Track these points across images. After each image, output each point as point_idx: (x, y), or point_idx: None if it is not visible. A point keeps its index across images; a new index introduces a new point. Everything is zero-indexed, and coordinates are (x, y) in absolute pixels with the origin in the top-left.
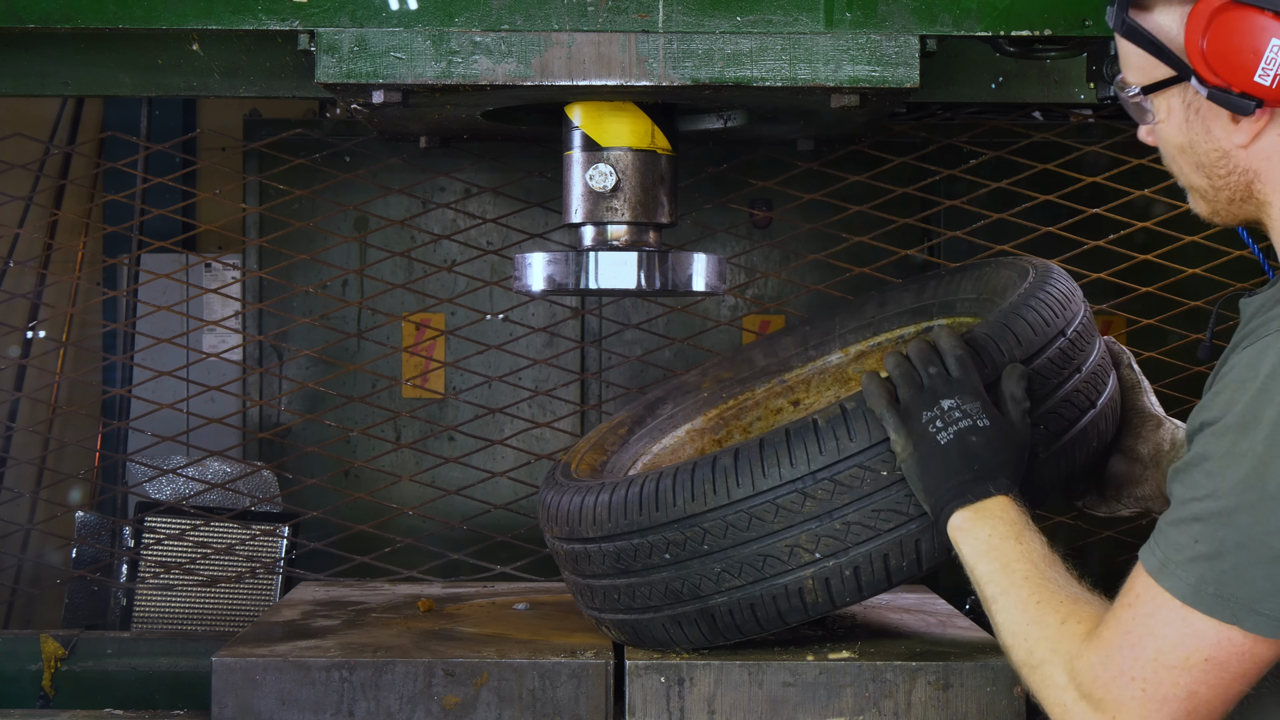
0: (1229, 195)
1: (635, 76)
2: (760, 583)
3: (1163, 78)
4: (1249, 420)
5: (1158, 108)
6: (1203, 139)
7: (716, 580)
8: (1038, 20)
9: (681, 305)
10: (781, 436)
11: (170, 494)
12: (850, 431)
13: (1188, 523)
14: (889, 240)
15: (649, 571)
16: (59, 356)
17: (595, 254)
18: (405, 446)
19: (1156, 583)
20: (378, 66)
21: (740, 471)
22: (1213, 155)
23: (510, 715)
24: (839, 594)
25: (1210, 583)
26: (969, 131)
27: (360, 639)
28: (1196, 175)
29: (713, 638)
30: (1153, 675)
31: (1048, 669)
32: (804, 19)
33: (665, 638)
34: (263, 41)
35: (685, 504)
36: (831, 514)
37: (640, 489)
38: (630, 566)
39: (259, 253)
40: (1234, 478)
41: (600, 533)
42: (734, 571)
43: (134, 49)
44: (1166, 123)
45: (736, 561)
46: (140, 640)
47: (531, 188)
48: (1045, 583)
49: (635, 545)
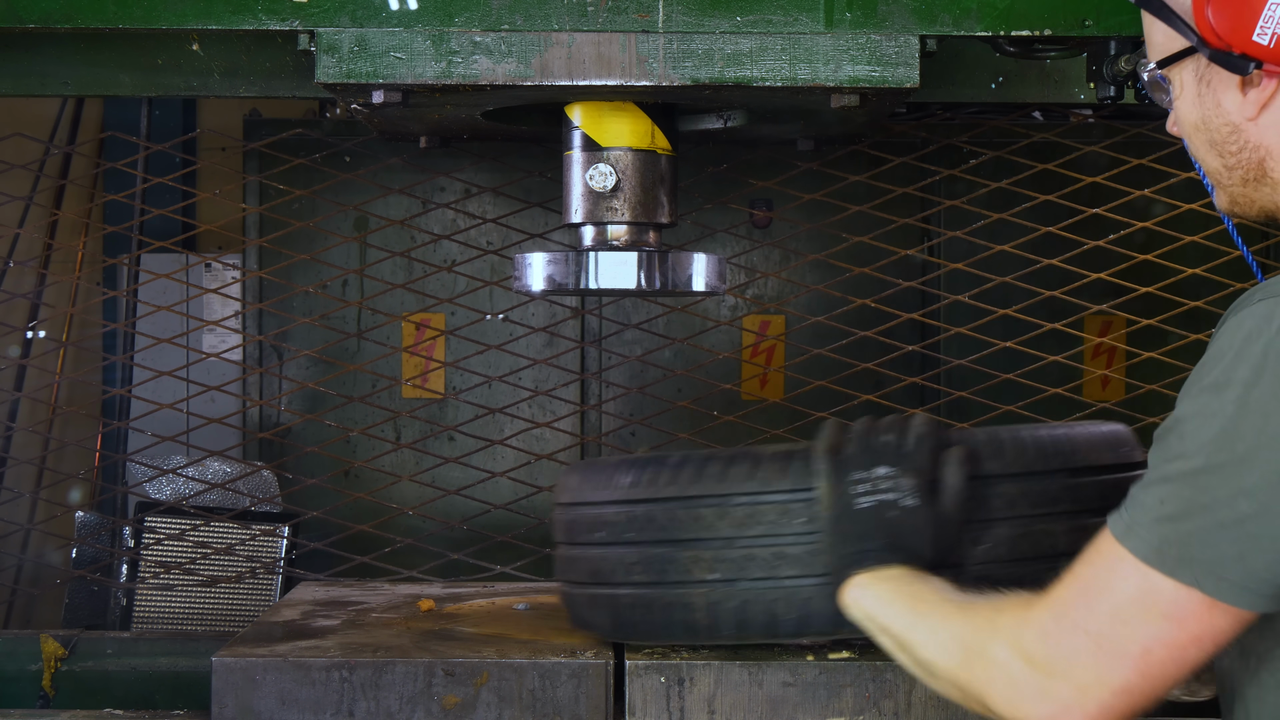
0: (1242, 175)
1: (635, 76)
2: (657, 586)
3: (1176, 50)
4: (1221, 381)
5: (1174, 83)
6: (1214, 113)
7: (627, 571)
8: (1038, 20)
9: (681, 305)
10: (728, 454)
11: (170, 494)
12: (788, 470)
13: (1157, 484)
14: (889, 240)
15: (587, 546)
16: (59, 356)
17: (595, 254)
18: (405, 446)
19: (1120, 544)
20: (378, 66)
21: (680, 471)
22: (1224, 130)
23: (510, 715)
24: (721, 624)
25: (1174, 544)
26: (969, 131)
27: (360, 639)
28: (1210, 155)
29: (615, 630)
30: (1108, 629)
31: (988, 651)
32: (804, 19)
33: (582, 617)
34: (263, 41)
35: (625, 489)
36: (737, 541)
37: (607, 467)
38: (574, 538)
39: (259, 253)
40: (1204, 438)
41: (564, 500)
42: (642, 567)
43: (134, 49)
44: (1181, 98)
45: (646, 558)
46: (140, 640)
47: (531, 188)
48: (964, 598)
49: (580, 517)
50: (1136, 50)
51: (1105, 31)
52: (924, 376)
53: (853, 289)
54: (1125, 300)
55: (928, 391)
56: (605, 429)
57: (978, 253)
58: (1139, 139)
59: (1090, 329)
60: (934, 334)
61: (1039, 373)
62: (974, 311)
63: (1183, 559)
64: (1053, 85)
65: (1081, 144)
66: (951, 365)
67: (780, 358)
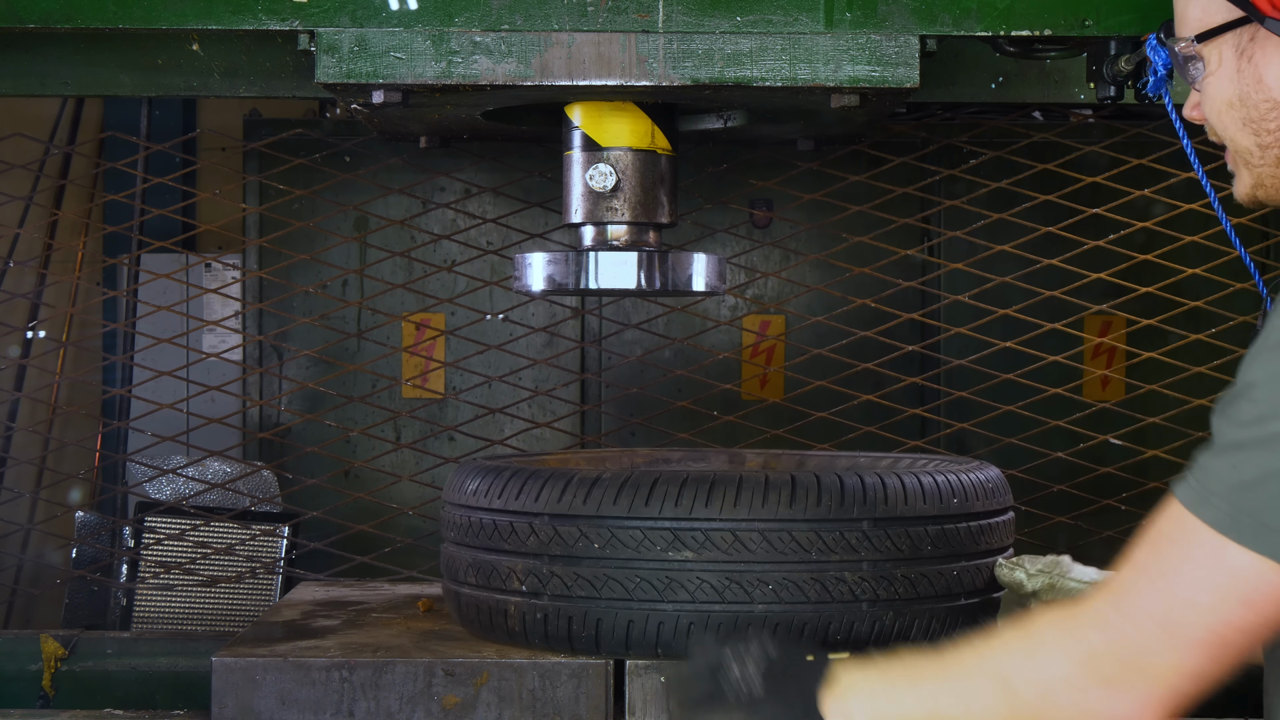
0: (1278, 154)
1: (635, 76)
2: (484, 590)
3: (1218, 23)
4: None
5: (1209, 59)
6: (1254, 89)
7: (465, 571)
8: (1038, 20)
9: (681, 305)
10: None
11: (170, 494)
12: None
13: (1230, 450)
14: (889, 240)
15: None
16: (59, 356)
17: (595, 254)
18: (405, 446)
19: (1191, 512)
20: (378, 66)
21: (520, 482)
22: (1263, 107)
23: (510, 715)
24: (530, 632)
25: (1248, 512)
26: (969, 131)
27: (360, 639)
28: (1243, 134)
29: (461, 620)
30: (1178, 613)
31: (1029, 671)
32: (804, 19)
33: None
34: (263, 41)
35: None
36: (544, 555)
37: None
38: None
39: (259, 253)
40: (1278, 401)
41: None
42: (474, 570)
43: (134, 49)
44: (1217, 74)
45: (475, 563)
46: (140, 640)
47: (531, 188)
48: (958, 651)
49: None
50: (1136, 50)
51: (1105, 31)
52: (924, 376)
53: (853, 289)
54: (1125, 300)
55: (927, 391)
56: (605, 429)
57: (978, 253)
58: (1139, 139)
59: (1090, 329)
60: (934, 334)
61: (1039, 373)
62: (974, 311)
63: (1260, 527)
64: (1053, 85)
65: (1081, 144)
66: (951, 365)
67: (780, 358)
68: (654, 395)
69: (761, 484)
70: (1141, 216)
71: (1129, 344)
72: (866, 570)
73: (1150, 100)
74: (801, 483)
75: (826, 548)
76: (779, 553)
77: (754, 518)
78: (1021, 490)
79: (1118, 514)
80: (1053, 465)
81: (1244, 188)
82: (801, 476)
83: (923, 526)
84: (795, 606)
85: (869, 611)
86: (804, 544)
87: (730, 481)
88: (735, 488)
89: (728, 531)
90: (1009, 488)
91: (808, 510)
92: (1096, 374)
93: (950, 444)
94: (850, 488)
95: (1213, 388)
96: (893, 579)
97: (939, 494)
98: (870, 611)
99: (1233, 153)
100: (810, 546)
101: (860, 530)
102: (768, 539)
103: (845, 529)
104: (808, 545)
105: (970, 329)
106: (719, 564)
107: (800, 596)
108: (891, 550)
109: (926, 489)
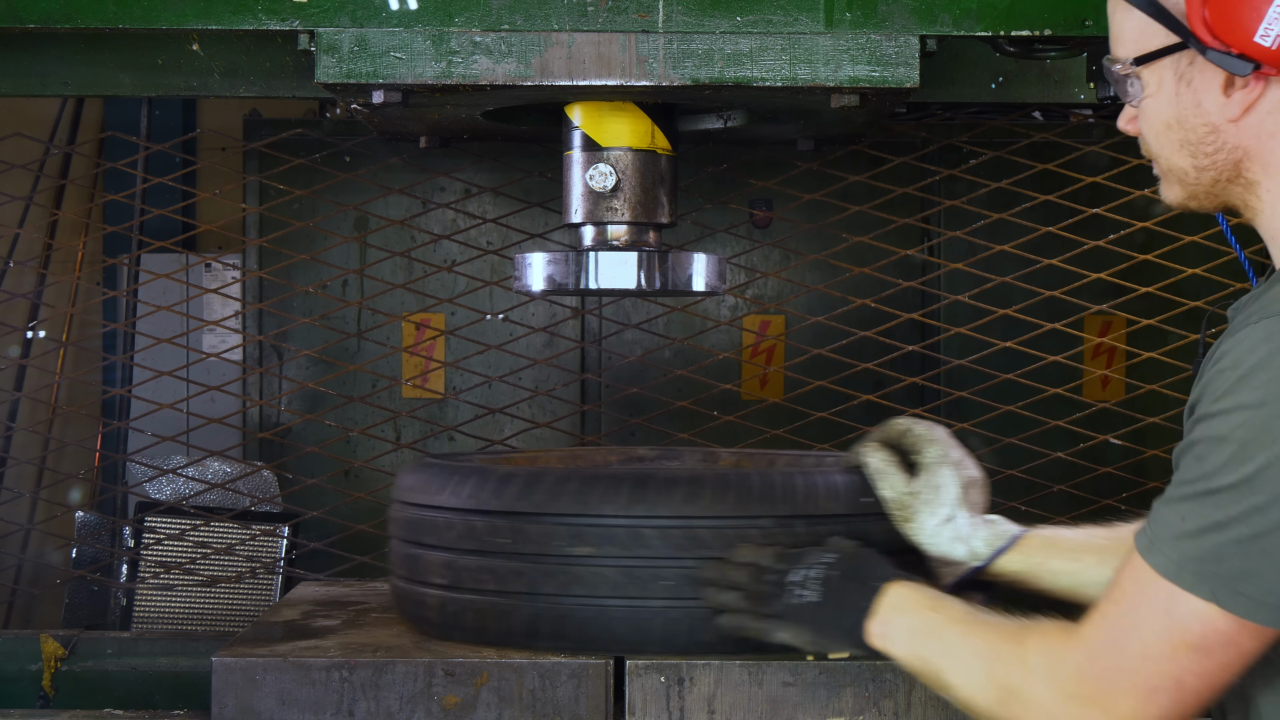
0: (1213, 176)
1: (635, 76)
2: (410, 583)
3: (1156, 48)
4: (1230, 407)
5: (1147, 81)
6: (1192, 113)
7: (398, 564)
8: (1038, 20)
9: (681, 305)
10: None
11: (170, 494)
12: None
13: (1176, 501)
14: (889, 240)
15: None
16: (59, 356)
17: (595, 254)
18: (405, 446)
19: (1144, 561)
20: (378, 66)
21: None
22: (1200, 131)
23: (510, 715)
24: (448, 625)
25: (1193, 559)
26: (969, 131)
27: (360, 639)
28: (1180, 155)
29: (400, 613)
30: (1139, 664)
31: (1024, 690)
32: (804, 19)
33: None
34: (263, 41)
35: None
36: (457, 549)
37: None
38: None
39: (259, 253)
40: (1218, 460)
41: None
42: (403, 563)
43: (134, 49)
44: (1156, 97)
45: (404, 557)
46: (140, 640)
47: (531, 188)
48: (983, 626)
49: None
50: None
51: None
52: (924, 376)
53: (853, 289)
54: (1125, 300)
55: (928, 391)
56: (605, 429)
57: (978, 253)
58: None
59: (1090, 329)
60: (934, 334)
61: (1039, 373)
62: (974, 311)
63: (1201, 574)
64: (1053, 85)
65: (1081, 144)
66: (951, 365)
67: (780, 358)
68: (654, 395)
69: (667, 482)
70: (1141, 216)
71: (1129, 344)
72: None
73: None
74: (704, 480)
75: (726, 545)
76: (677, 549)
77: (652, 514)
78: (1021, 490)
79: (1118, 514)
80: (1053, 465)
81: (1175, 198)
82: (708, 474)
83: (828, 525)
84: (692, 603)
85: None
86: (703, 541)
87: (634, 480)
88: (637, 486)
89: (626, 528)
90: None
91: (706, 508)
92: (1096, 374)
93: None
94: (753, 486)
95: None
96: None
97: (848, 492)
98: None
99: (1165, 170)
100: (710, 544)
101: (760, 528)
102: (665, 536)
103: (745, 526)
104: (707, 542)
105: (970, 329)
106: (618, 559)
107: (698, 593)
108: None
109: (836, 487)
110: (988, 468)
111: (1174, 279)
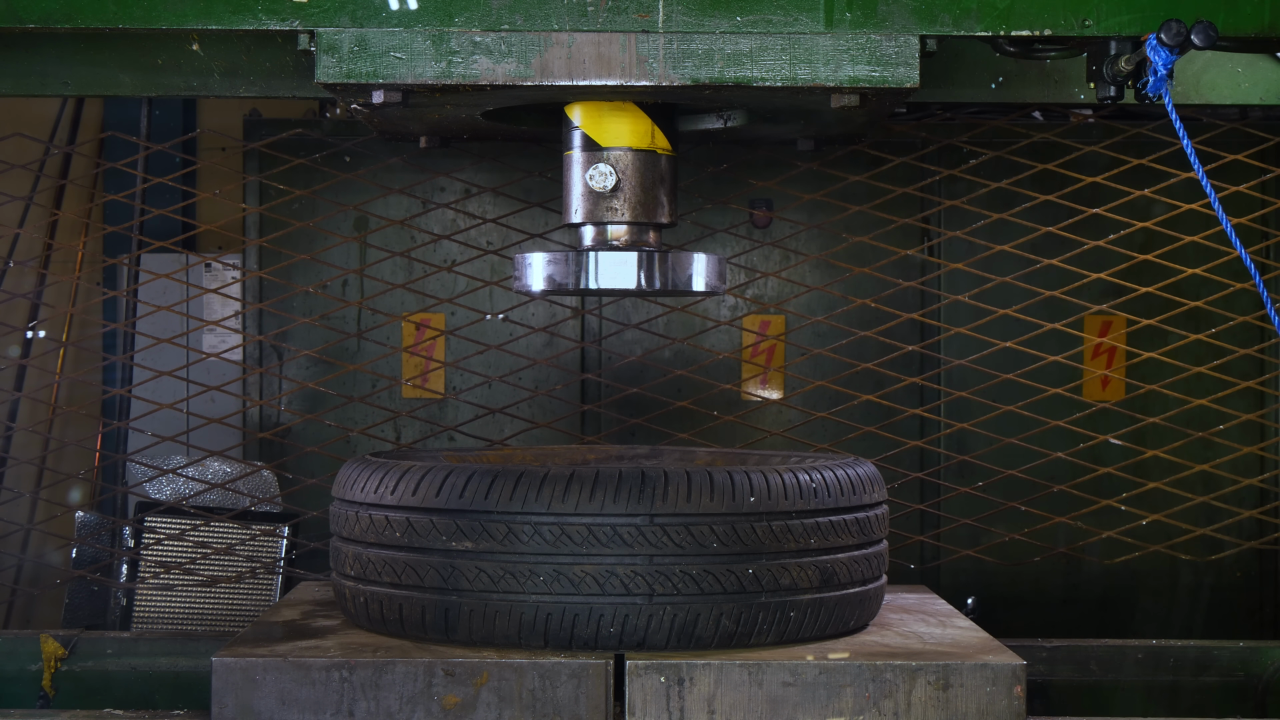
0: None
1: (635, 76)
2: (336, 574)
3: None
4: None
5: None
6: None
7: (333, 556)
8: (1038, 20)
9: (681, 305)
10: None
11: (170, 494)
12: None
13: None
14: (889, 240)
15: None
16: (59, 356)
17: (595, 254)
18: (405, 446)
19: None
20: (378, 66)
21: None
22: None
23: (510, 715)
24: (357, 615)
25: None
26: (969, 131)
27: (360, 639)
28: None
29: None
30: None
31: None
32: (804, 19)
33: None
34: (263, 41)
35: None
36: (362, 541)
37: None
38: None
39: (259, 253)
40: None
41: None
42: (333, 556)
43: (134, 49)
44: None
45: (333, 550)
46: (140, 640)
47: (531, 188)
48: None
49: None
50: (1136, 50)
51: (1105, 31)
52: (924, 376)
53: (853, 289)
54: (1125, 300)
55: (927, 391)
56: (605, 429)
57: (978, 253)
58: (1139, 139)
59: (1090, 329)
60: (934, 334)
61: (1039, 373)
62: (974, 311)
63: None
64: (1053, 85)
65: (1081, 144)
66: (951, 365)
67: (780, 358)
68: (654, 395)
69: (549, 478)
70: (1141, 216)
71: (1129, 344)
72: (641, 565)
73: (1150, 100)
74: (585, 478)
75: (598, 542)
76: (550, 545)
77: (529, 511)
78: (1022, 490)
79: (1118, 514)
80: (1053, 465)
81: None
82: (593, 471)
83: (708, 524)
84: (565, 598)
85: (645, 606)
86: (574, 538)
87: (520, 476)
88: (516, 482)
89: (502, 524)
90: (859, 488)
91: (580, 505)
92: (1096, 374)
93: (950, 444)
94: (629, 485)
95: (1212, 388)
96: (671, 574)
97: (731, 492)
98: (647, 606)
99: None
100: (582, 541)
101: (635, 526)
102: (540, 532)
103: (620, 524)
104: (578, 539)
105: (970, 329)
106: (495, 555)
107: (570, 589)
108: (670, 546)
109: (718, 486)
110: (988, 467)
111: (1174, 279)
